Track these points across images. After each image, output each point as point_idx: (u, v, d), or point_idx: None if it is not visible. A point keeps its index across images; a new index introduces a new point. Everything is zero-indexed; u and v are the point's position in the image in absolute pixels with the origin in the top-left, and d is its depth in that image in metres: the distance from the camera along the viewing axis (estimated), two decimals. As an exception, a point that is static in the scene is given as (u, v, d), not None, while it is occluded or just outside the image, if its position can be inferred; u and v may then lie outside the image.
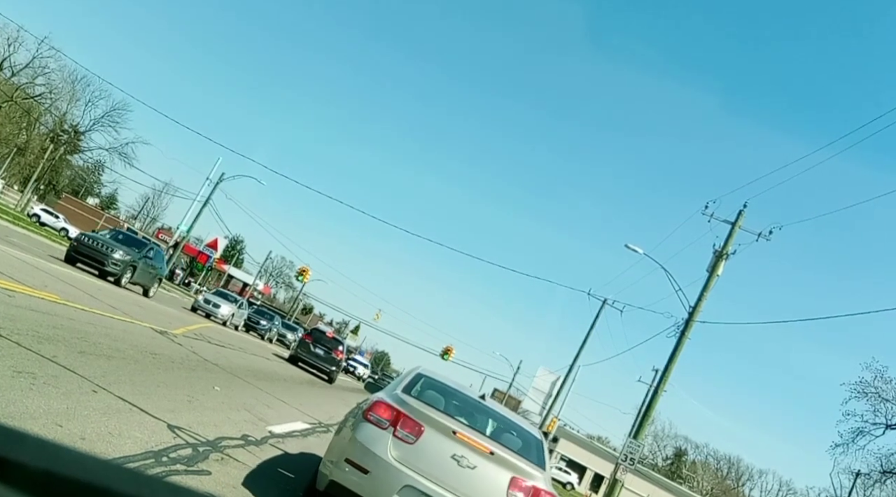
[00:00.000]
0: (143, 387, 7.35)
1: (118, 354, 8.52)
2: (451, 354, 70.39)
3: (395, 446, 5.27)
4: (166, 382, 8.32)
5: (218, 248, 74.10)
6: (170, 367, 9.63)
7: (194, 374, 10.22)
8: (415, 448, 5.26)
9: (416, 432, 5.31)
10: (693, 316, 24.52)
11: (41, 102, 78.65)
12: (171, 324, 17.05)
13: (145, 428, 5.78)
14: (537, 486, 5.30)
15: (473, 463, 5.24)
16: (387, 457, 5.21)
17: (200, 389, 9.10)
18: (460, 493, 5.16)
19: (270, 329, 39.49)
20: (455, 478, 5.19)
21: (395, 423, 5.35)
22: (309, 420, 12.15)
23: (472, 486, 5.19)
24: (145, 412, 6.25)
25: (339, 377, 39.21)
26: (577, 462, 77.44)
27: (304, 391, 18.45)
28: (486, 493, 5.21)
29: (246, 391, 11.48)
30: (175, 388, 8.22)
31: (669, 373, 24.38)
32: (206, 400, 8.51)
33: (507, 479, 5.25)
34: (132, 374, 7.72)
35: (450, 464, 5.23)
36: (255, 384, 13.11)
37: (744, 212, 24.93)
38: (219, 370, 12.37)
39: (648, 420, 24.66)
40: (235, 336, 26.56)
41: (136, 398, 6.62)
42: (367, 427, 5.37)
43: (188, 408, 7.49)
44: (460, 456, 5.25)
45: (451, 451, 5.26)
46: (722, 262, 24.60)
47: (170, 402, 7.22)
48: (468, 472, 5.22)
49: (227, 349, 18.03)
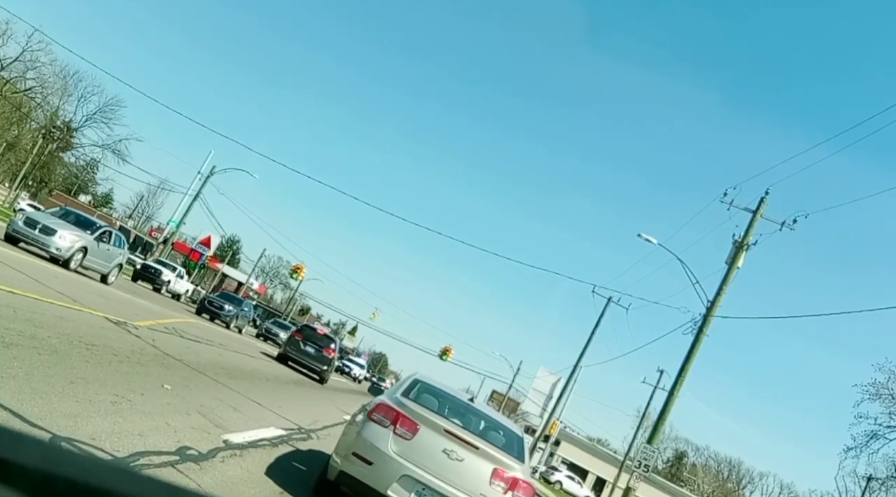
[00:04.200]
0: (45, 384, 5.52)
1: (29, 342, 6.68)
2: (449, 355, 68.67)
3: (394, 442, 6.01)
4: (88, 379, 6.49)
5: (211, 245, 72.18)
6: (107, 361, 7.80)
7: (140, 370, 8.39)
8: (411, 444, 6.01)
9: (412, 430, 6.06)
10: (711, 310, 22.73)
11: (32, 97, 76.87)
12: (139, 315, 15.21)
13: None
14: (516, 477, 6.10)
15: (461, 456, 5.99)
16: (388, 451, 5.95)
17: (140, 388, 7.28)
18: (450, 482, 5.92)
19: (237, 316, 33.13)
20: (445, 469, 5.95)
21: (395, 422, 6.10)
22: (285, 425, 10.32)
23: (459, 475, 5.96)
24: (23, 419, 4.43)
25: (333, 378, 37.41)
26: (578, 465, 75.56)
27: (288, 392, 16.63)
28: (471, 481, 5.96)
29: (209, 391, 9.65)
30: (99, 386, 6.39)
31: (686, 372, 22.57)
32: (141, 401, 6.68)
33: (490, 470, 6.03)
34: (36, 367, 5.88)
35: (441, 457, 5.98)
36: (225, 383, 11.28)
37: (766, 199, 23.19)
38: (181, 367, 10.54)
39: (663, 423, 22.84)
40: (220, 333, 24.70)
41: (21, 399, 4.80)
42: (371, 425, 6.13)
43: (107, 412, 5.67)
44: (450, 450, 6.00)
45: (442, 447, 6.02)
46: (742, 253, 22.83)
47: (77, 405, 5.39)
48: (457, 464, 5.97)
49: (203, 345, 16.19)
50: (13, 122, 75.84)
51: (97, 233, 19.27)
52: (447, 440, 6.03)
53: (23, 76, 74.78)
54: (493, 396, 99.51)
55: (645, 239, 23.32)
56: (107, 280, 20.44)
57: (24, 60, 73.61)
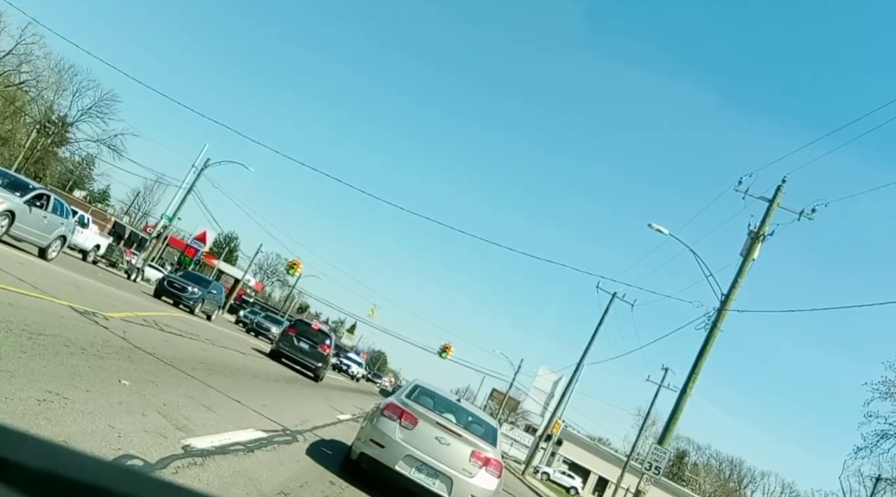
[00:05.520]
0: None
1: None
2: (449, 352, 67.54)
3: (400, 431, 8.16)
4: (16, 372, 5.35)
5: (207, 241, 70.95)
6: (52, 353, 6.66)
7: (96, 364, 7.25)
8: (413, 433, 8.17)
9: (413, 423, 8.23)
10: (726, 304, 21.59)
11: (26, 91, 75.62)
12: (115, 306, 14.08)
13: None
14: (489, 456, 8.27)
15: (449, 442, 8.17)
16: (395, 437, 8.12)
17: (88, 384, 6.14)
18: (440, 460, 8.06)
19: (203, 299, 28.24)
20: (437, 451, 8.10)
21: (401, 417, 8.26)
22: (268, 426, 9.18)
23: (447, 455, 8.09)
24: None
25: (330, 375, 36.24)
26: (580, 465, 74.41)
27: (277, 389, 15.50)
28: (456, 460, 8.10)
29: (179, 387, 8.51)
30: (28, 381, 5.26)
31: (700, 368, 21.46)
32: (82, 400, 5.55)
33: (470, 451, 8.20)
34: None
35: (434, 442, 8.13)
36: (202, 379, 10.14)
37: (783, 187, 22.06)
38: (150, 361, 9.41)
39: (675, 423, 21.72)
40: (211, 328, 23.57)
41: None
42: (383, 419, 8.30)
43: (25, 412, 4.52)
44: (441, 437, 8.17)
45: (435, 434, 8.17)
46: (758, 243, 21.71)
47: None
48: (445, 447, 8.13)
49: (186, 339, 15.05)
50: (7, 116, 74.62)
51: (29, 195, 16.34)
52: (439, 430, 8.22)
53: (17, 70, 73.61)
54: (492, 395, 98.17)
55: (656, 229, 22.19)
56: (46, 255, 17.97)
57: (18, 54, 72.48)
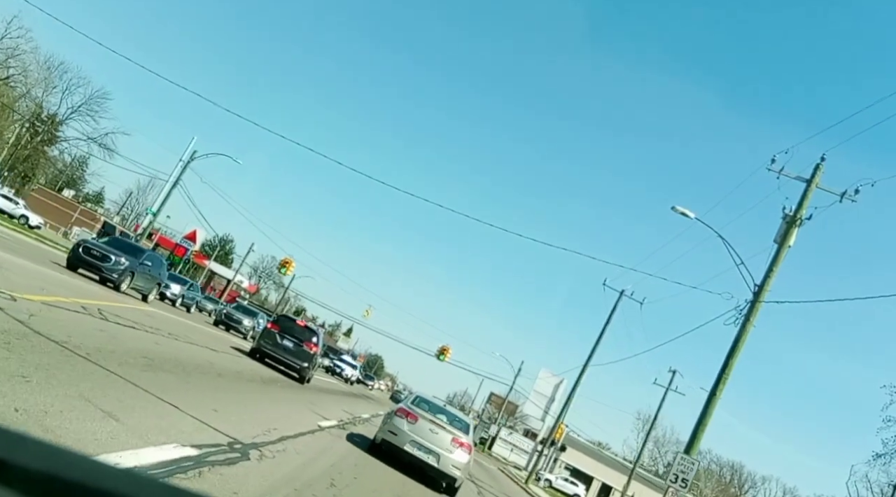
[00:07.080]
0: None
1: None
2: (447, 355, 65.01)
3: (407, 425, 12.78)
4: None
5: (197, 240, 68.38)
6: None
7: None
8: (415, 426, 12.78)
9: (415, 419, 12.86)
10: (760, 295, 19.23)
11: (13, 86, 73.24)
12: (45, 290, 11.67)
13: None
14: (462, 441, 12.95)
15: (437, 432, 12.84)
16: (404, 429, 12.73)
17: None
18: (432, 443, 12.65)
19: (131, 272, 21.51)
20: (430, 438, 12.68)
21: (407, 416, 12.94)
22: (205, 439, 6.72)
23: (437, 440, 12.69)
24: None
25: (322, 378, 33.77)
26: (582, 472, 71.97)
27: (245, 392, 13.09)
28: (442, 443, 12.70)
29: (80, 385, 6.08)
30: None
31: (731, 368, 19.13)
32: None
33: (450, 438, 12.83)
34: None
35: (428, 432, 12.77)
36: (126, 376, 7.67)
37: (821, 166, 19.71)
38: (51, 351, 7.00)
39: (703, 430, 19.34)
40: (182, 323, 21.15)
41: None
42: (396, 417, 13.05)
43: None
44: (433, 429, 12.84)
45: (429, 427, 12.84)
46: (794, 228, 19.34)
47: None
48: (435, 435, 12.75)
49: (138, 331, 12.63)
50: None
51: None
52: (431, 424, 12.95)
53: (3, 65, 71.28)
54: (490, 399, 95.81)
55: (680, 213, 19.80)
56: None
57: (4, 48, 70.17)
